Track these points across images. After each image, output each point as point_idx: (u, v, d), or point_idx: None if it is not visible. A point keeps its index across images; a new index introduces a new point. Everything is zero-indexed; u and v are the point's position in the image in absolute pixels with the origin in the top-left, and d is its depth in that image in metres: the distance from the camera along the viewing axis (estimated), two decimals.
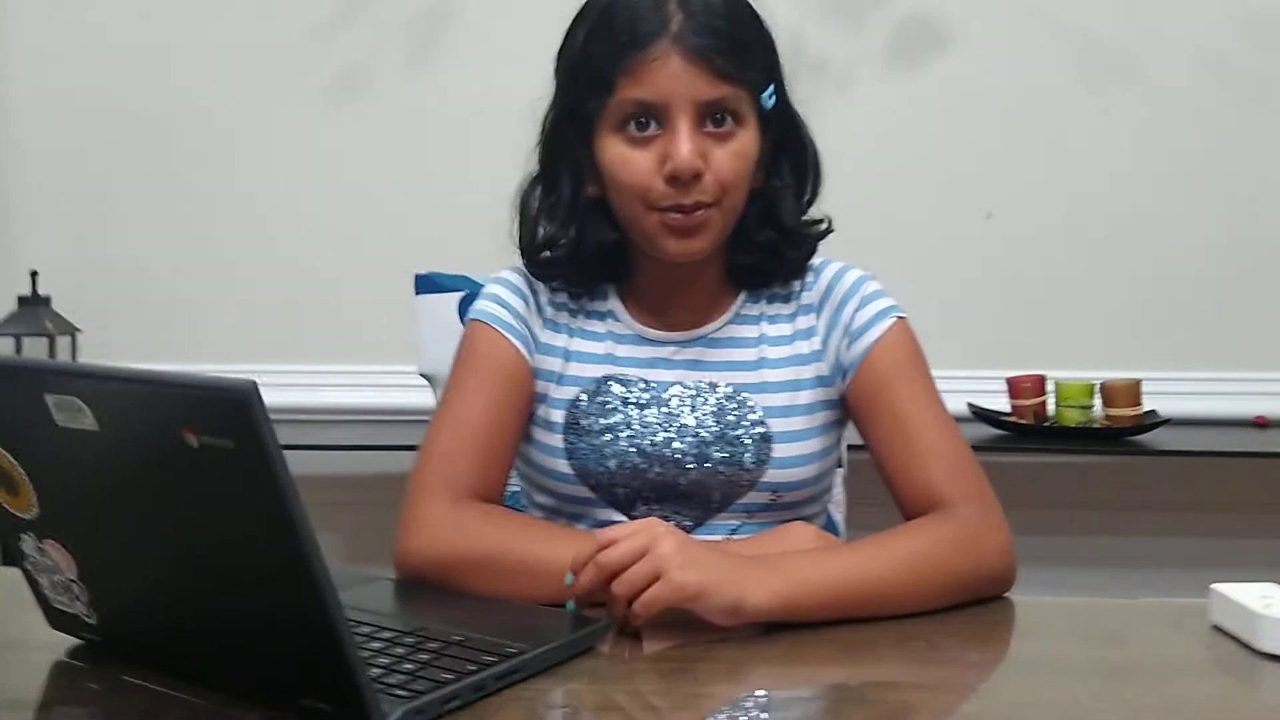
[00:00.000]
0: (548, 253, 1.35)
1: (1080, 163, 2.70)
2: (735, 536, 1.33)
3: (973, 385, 2.58)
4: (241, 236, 2.82)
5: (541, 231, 1.35)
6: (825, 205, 1.38)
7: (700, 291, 1.36)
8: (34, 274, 2.72)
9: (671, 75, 1.22)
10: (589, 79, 1.26)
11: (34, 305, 2.70)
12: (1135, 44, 2.67)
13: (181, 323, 2.84)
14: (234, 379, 0.76)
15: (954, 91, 2.69)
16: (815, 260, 1.38)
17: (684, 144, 1.22)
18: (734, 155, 1.25)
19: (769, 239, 1.33)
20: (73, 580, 0.97)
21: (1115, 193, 2.70)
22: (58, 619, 1.03)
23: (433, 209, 2.67)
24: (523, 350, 1.34)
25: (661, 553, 1.04)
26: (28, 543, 0.98)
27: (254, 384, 0.75)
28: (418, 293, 1.76)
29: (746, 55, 1.24)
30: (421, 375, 1.75)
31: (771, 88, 1.27)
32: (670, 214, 1.25)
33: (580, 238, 1.33)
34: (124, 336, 2.81)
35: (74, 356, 2.76)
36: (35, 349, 2.70)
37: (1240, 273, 2.69)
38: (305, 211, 2.81)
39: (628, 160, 1.25)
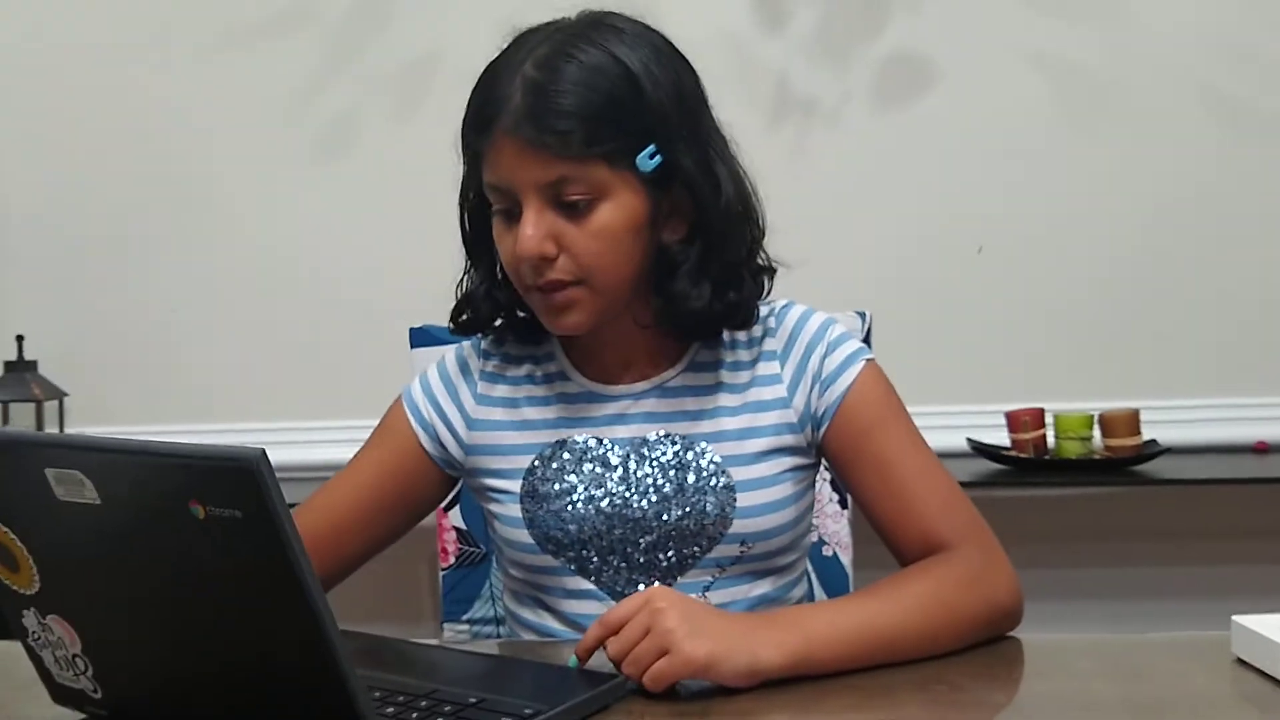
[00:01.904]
0: (467, 315, 1.34)
1: (1069, 194, 2.70)
2: (709, 593, 1.29)
3: (971, 420, 2.57)
4: (231, 293, 2.80)
5: (463, 293, 1.35)
6: (818, 244, 1.36)
7: (641, 345, 1.32)
8: (20, 338, 2.70)
9: (509, 160, 1.20)
10: (468, 161, 1.28)
11: (20, 370, 2.68)
12: (1119, 75, 2.68)
13: (172, 383, 2.82)
14: (241, 448, 0.75)
15: (941, 128, 2.69)
16: (776, 304, 1.34)
17: (526, 229, 1.20)
18: (591, 234, 1.21)
19: (660, 306, 1.27)
20: (77, 655, 0.95)
21: (1106, 224, 2.70)
22: (62, 694, 1.01)
23: (426, 261, 2.65)
24: (420, 434, 1.36)
25: (666, 627, 1.02)
26: (30, 618, 0.96)
27: (262, 452, 0.74)
28: (413, 346, 1.74)
29: (597, 129, 1.18)
30: None
31: (652, 149, 1.21)
32: (537, 295, 1.24)
33: (496, 300, 1.32)
34: (114, 399, 2.78)
35: (62, 421, 2.74)
36: (22, 414, 2.68)
37: (1235, 299, 2.68)
38: (297, 267, 2.79)
39: (500, 239, 1.25)
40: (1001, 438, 2.56)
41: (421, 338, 1.74)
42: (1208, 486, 2.54)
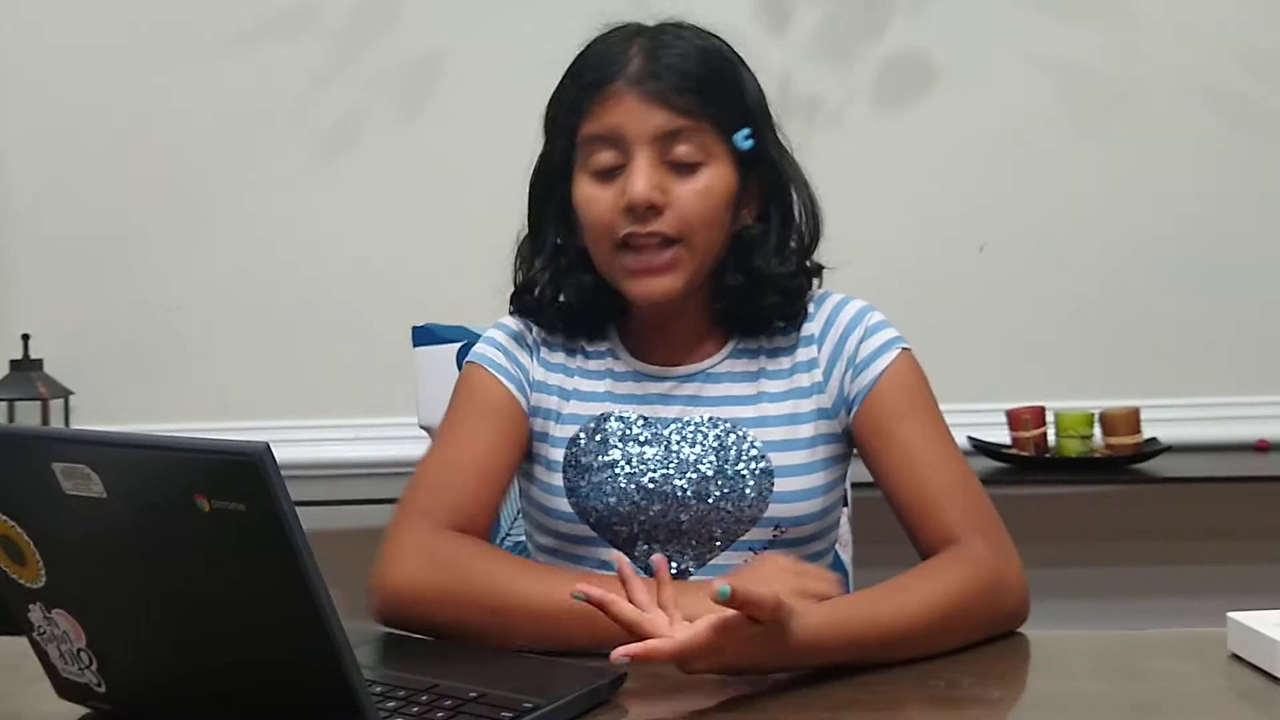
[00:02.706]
0: (530, 297, 1.36)
1: (1071, 193, 2.70)
2: None
3: (972, 418, 2.58)
4: (235, 293, 2.81)
5: (526, 277, 1.37)
6: (820, 242, 1.37)
7: (691, 330, 1.35)
8: (26, 337, 2.71)
9: (627, 109, 1.25)
10: (560, 123, 1.31)
11: (26, 369, 2.69)
12: (1121, 76, 2.69)
13: (177, 382, 2.82)
14: (246, 442, 0.76)
15: (943, 127, 2.70)
16: (815, 292, 1.38)
17: (639, 175, 1.24)
18: (697, 192, 1.25)
19: (740, 283, 1.31)
20: (82, 649, 0.96)
21: (1107, 223, 2.70)
22: (66, 688, 1.01)
23: (429, 260, 2.67)
24: (514, 391, 1.35)
25: (700, 660, 1.00)
26: (35, 612, 0.97)
27: (266, 446, 0.75)
28: (415, 345, 1.75)
29: (708, 94, 1.26)
30: (421, 427, 1.74)
31: (748, 131, 1.28)
32: (631, 256, 1.26)
33: (560, 285, 1.34)
34: (119, 398, 2.79)
35: (67, 419, 2.74)
36: (28, 413, 2.68)
37: (1236, 298, 2.69)
38: (300, 266, 2.80)
39: (593, 199, 1.27)
40: (1002, 436, 2.57)
41: (424, 336, 1.74)
42: (1208, 485, 2.55)
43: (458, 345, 1.70)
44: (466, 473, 1.29)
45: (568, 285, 1.34)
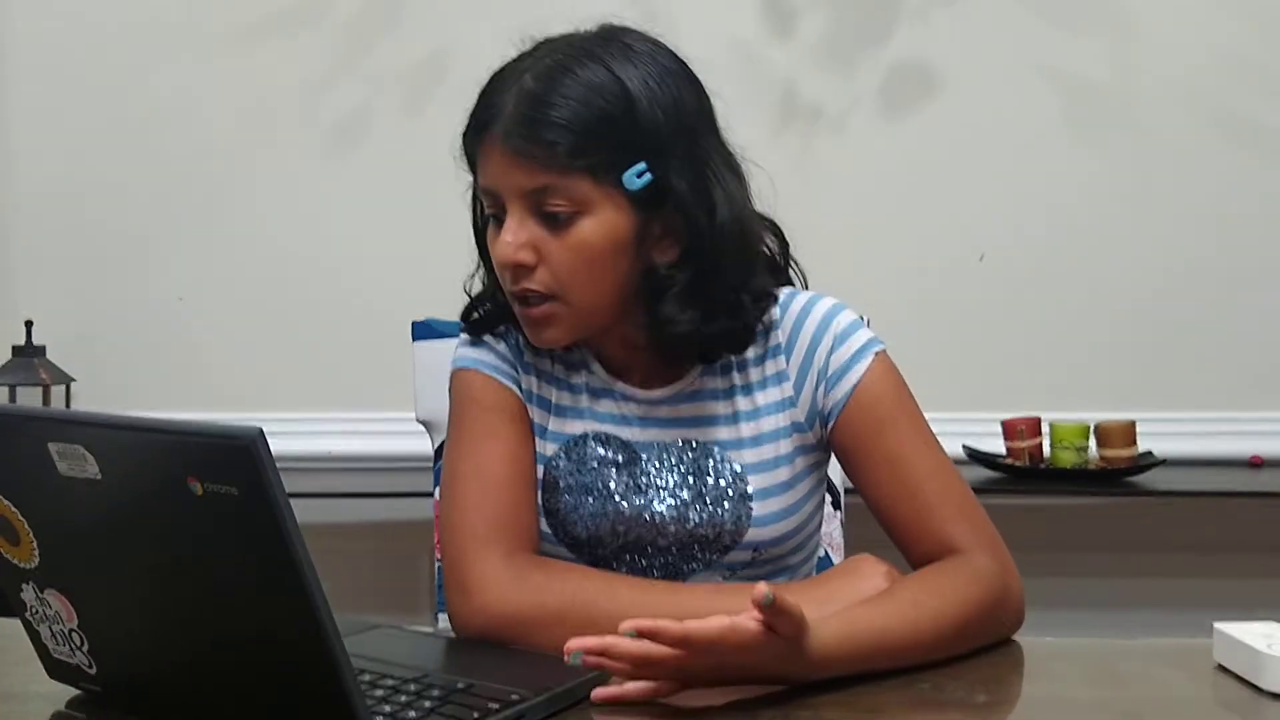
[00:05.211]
0: (477, 314, 1.34)
1: (1071, 205, 2.71)
2: None
3: (967, 427, 2.58)
4: (238, 284, 2.82)
5: (475, 288, 1.36)
6: (819, 247, 1.37)
7: (655, 354, 1.30)
8: (29, 323, 2.72)
9: (497, 166, 1.21)
10: (467, 162, 1.28)
11: (29, 355, 2.70)
12: (1123, 87, 2.70)
13: (178, 371, 2.84)
14: (239, 426, 0.76)
15: (946, 136, 2.71)
16: (782, 293, 1.32)
17: (506, 235, 1.21)
18: (569, 247, 1.20)
19: (649, 327, 1.25)
20: (73, 629, 0.96)
21: (1107, 234, 2.71)
22: (57, 669, 1.02)
23: (430, 256, 2.67)
24: (514, 388, 1.31)
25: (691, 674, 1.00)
26: (28, 592, 0.97)
27: (260, 431, 0.75)
28: (415, 339, 1.75)
29: (583, 141, 1.18)
30: (419, 421, 1.75)
31: (641, 167, 1.19)
32: (519, 305, 1.24)
33: (498, 302, 1.31)
34: (119, 386, 2.80)
35: (68, 406, 2.75)
36: (30, 398, 2.69)
37: (1234, 313, 2.70)
38: (302, 259, 2.81)
39: (490, 244, 1.25)
40: (997, 445, 2.57)
41: (424, 331, 1.75)
42: (1201, 499, 2.55)
43: (456, 341, 1.70)
44: (507, 489, 1.25)
45: (501, 305, 1.30)
